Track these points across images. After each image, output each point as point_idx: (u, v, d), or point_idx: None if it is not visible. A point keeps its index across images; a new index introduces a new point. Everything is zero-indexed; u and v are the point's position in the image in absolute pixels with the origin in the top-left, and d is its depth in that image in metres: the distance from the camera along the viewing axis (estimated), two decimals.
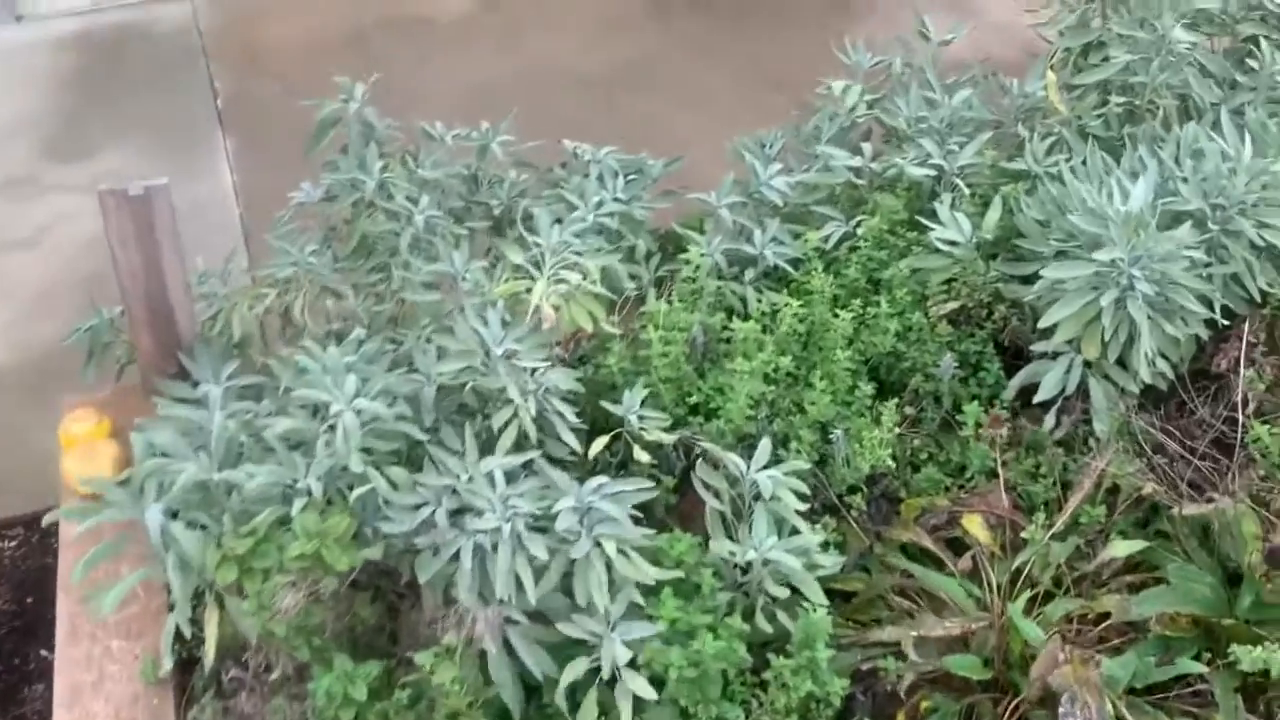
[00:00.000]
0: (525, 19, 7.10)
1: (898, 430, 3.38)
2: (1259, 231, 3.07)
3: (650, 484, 2.78)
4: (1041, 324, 3.09)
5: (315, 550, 2.47)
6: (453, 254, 3.27)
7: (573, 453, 2.98)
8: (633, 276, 3.70)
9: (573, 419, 2.96)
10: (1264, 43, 3.85)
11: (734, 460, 2.91)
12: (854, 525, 3.19)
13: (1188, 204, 3.07)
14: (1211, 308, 3.14)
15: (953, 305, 3.47)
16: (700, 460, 2.99)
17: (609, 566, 2.60)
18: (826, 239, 3.73)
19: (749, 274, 3.69)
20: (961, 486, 3.32)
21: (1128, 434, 3.21)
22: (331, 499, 2.74)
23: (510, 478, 2.71)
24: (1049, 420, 3.29)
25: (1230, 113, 3.76)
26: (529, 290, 3.04)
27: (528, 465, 2.79)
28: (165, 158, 5.91)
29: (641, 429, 3.03)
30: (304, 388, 2.73)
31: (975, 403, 3.35)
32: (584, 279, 3.08)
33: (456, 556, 2.57)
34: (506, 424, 2.88)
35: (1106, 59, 3.82)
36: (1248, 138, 3.12)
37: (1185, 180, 3.14)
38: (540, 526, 2.63)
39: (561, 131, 6.07)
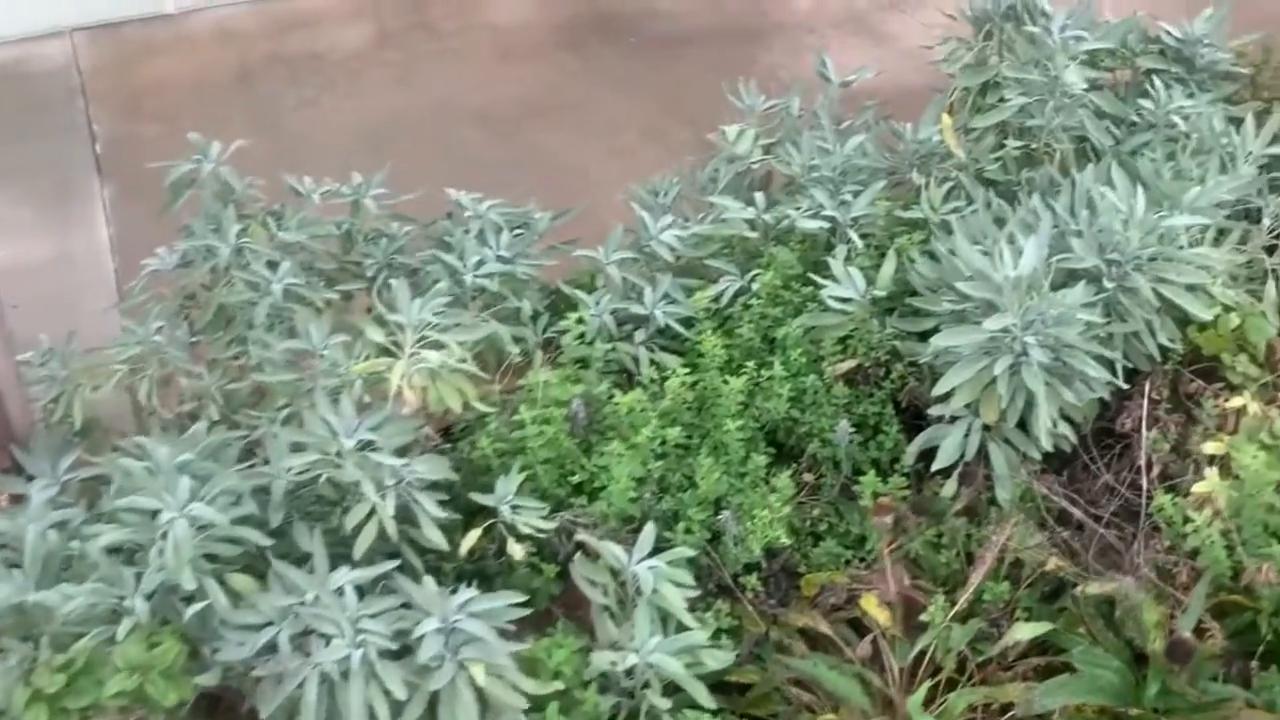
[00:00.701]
0: (423, 53, 6.85)
1: (797, 499, 3.21)
2: (1155, 287, 2.93)
3: (523, 597, 2.55)
4: (936, 390, 2.93)
5: (138, 686, 2.20)
6: (310, 328, 3.03)
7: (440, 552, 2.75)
8: (518, 340, 3.49)
9: (437, 513, 2.73)
10: (1157, 80, 3.73)
11: (614, 552, 2.70)
12: (750, 608, 2.99)
13: (1082, 261, 2.91)
14: (1114, 368, 3.00)
15: (849, 365, 3.29)
16: (578, 553, 2.78)
17: (480, 693, 2.37)
18: (720, 296, 3.54)
19: (640, 335, 3.49)
20: (863, 559, 3.14)
21: (1032, 501, 3.06)
22: (167, 618, 2.47)
23: (366, 592, 2.47)
24: (950, 486, 3.12)
25: (1129, 154, 3.65)
26: (391, 369, 2.81)
27: (389, 575, 2.55)
28: (36, 207, 5.58)
29: (517, 519, 2.80)
30: (131, 493, 2.46)
31: (874, 470, 3.18)
32: (451, 357, 2.86)
33: (303, 686, 2.32)
34: (363, 523, 2.65)
35: (1003, 100, 3.68)
36: (1139, 188, 2.96)
37: (1080, 234, 2.99)
38: (398, 651, 2.39)
39: (460, 173, 5.82)
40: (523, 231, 3.76)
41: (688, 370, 3.17)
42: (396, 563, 2.57)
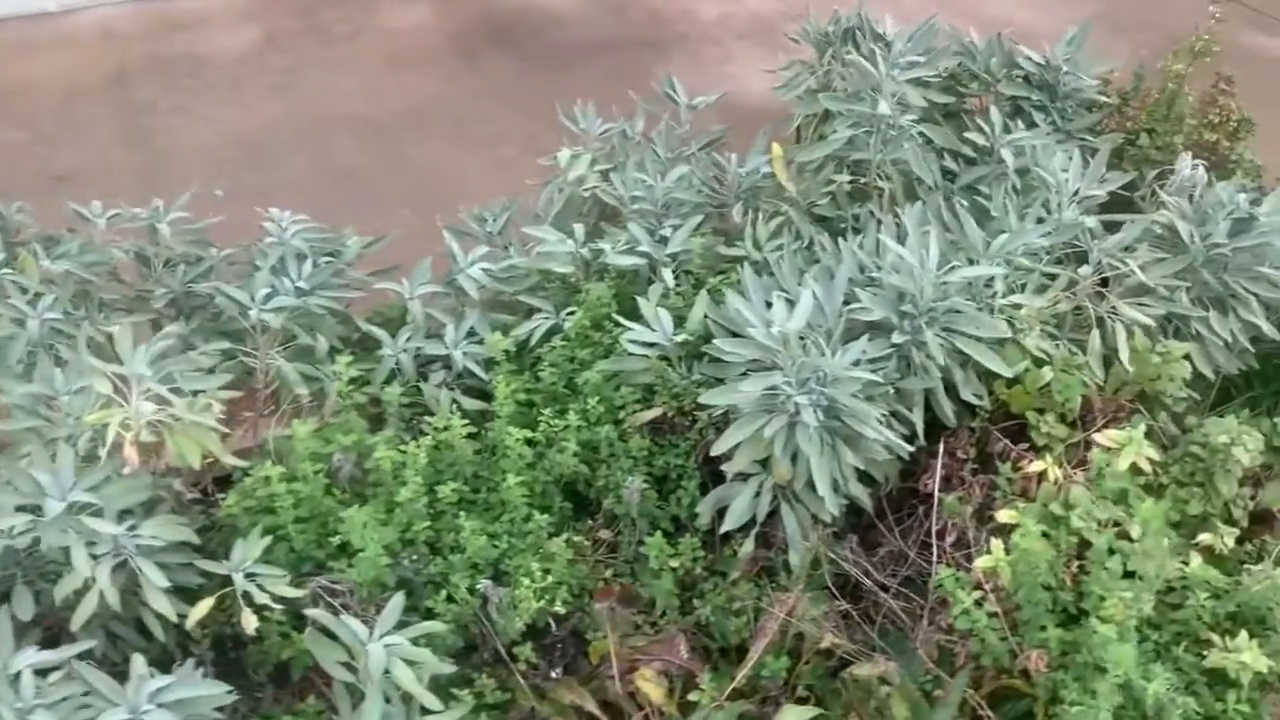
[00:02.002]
0: (310, 59, 6.60)
1: (594, 557, 3.02)
2: (951, 341, 2.74)
3: (225, 687, 2.33)
4: (715, 449, 2.73)
5: None
6: (56, 370, 2.80)
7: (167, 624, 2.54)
8: (311, 379, 3.27)
9: (162, 581, 2.51)
10: (995, 112, 3.55)
11: (350, 627, 2.48)
12: (521, 681, 2.79)
13: (871, 313, 2.72)
14: (911, 428, 2.81)
15: (652, 414, 3.09)
16: (310, 628, 2.56)
17: None
18: (529, 335, 3.33)
19: (438, 376, 3.28)
20: (654, 623, 2.94)
21: (827, 565, 2.87)
22: None
23: (47, 674, 2.25)
24: (747, 547, 2.93)
25: (963, 190, 3.47)
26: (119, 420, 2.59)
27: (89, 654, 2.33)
28: None
29: (253, 586, 2.59)
30: None
31: (676, 527, 2.99)
32: (192, 407, 2.64)
33: None
34: (82, 591, 2.43)
35: (836, 131, 3.49)
36: (932, 237, 2.75)
37: (876, 285, 2.79)
38: None
39: (330, 185, 5.64)
40: (332, 259, 3.54)
41: (466, 420, 2.95)
42: (91, 643, 2.35)
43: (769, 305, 2.74)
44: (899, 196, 3.39)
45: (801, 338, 2.73)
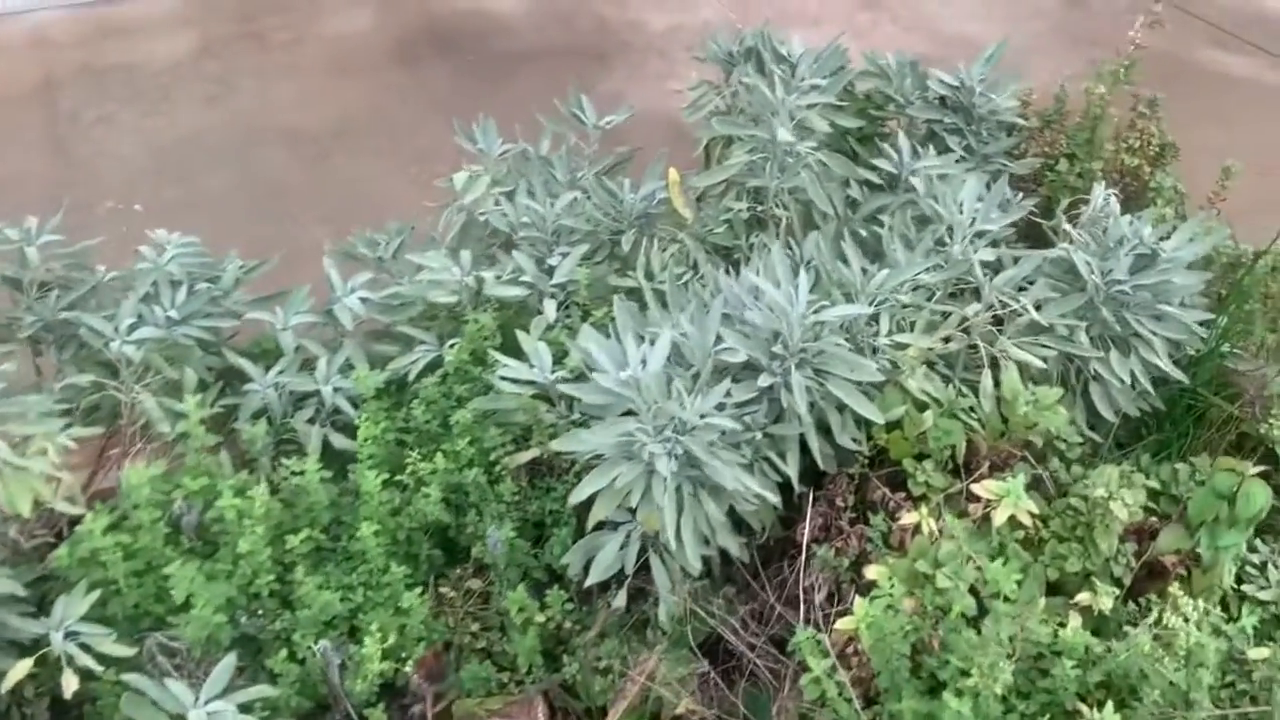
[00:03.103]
0: (246, 66, 6.46)
1: (465, 608, 2.88)
2: (820, 383, 2.60)
3: None
4: (572, 498, 2.59)
5: None
6: None
7: None
8: (181, 415, 3.12)
9: None
10: (902, 138, 3.41)
11: (173, 692, 2.34)
12: None
13: (737, 354, 2.57)
14: (784, 480, 2.67)
15: (527, 456, 2.95)
16: (128, 692, 2.41)
17: None
18: (408, 368, 3.19)
19: (308, 413, 3.14)
20: (520, 682, 2.80)
21: (695, 620, 2.73)
22: None
23: None
24: (620, 599, 2.79)
25: (866, 219, 3.33)
26: None
27: None
28: None
29: (74, 646, 2.44)
30: None
31: (547, 575, 2.85)
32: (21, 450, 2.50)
33: None
34: None
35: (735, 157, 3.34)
36: (803, 279, 2.60)
37: (746, 326, 2.64)
38: None
39: (254, 199, 5.50)
40: (211, 285, 3.40)
41: (329, 461, 2.81)
42: None
43: (645, 340, 2.60)
44: (796, 226, 3.25)
45: (672, 378, 2.60)
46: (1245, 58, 6.61)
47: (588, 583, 2.70)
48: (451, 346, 3.18)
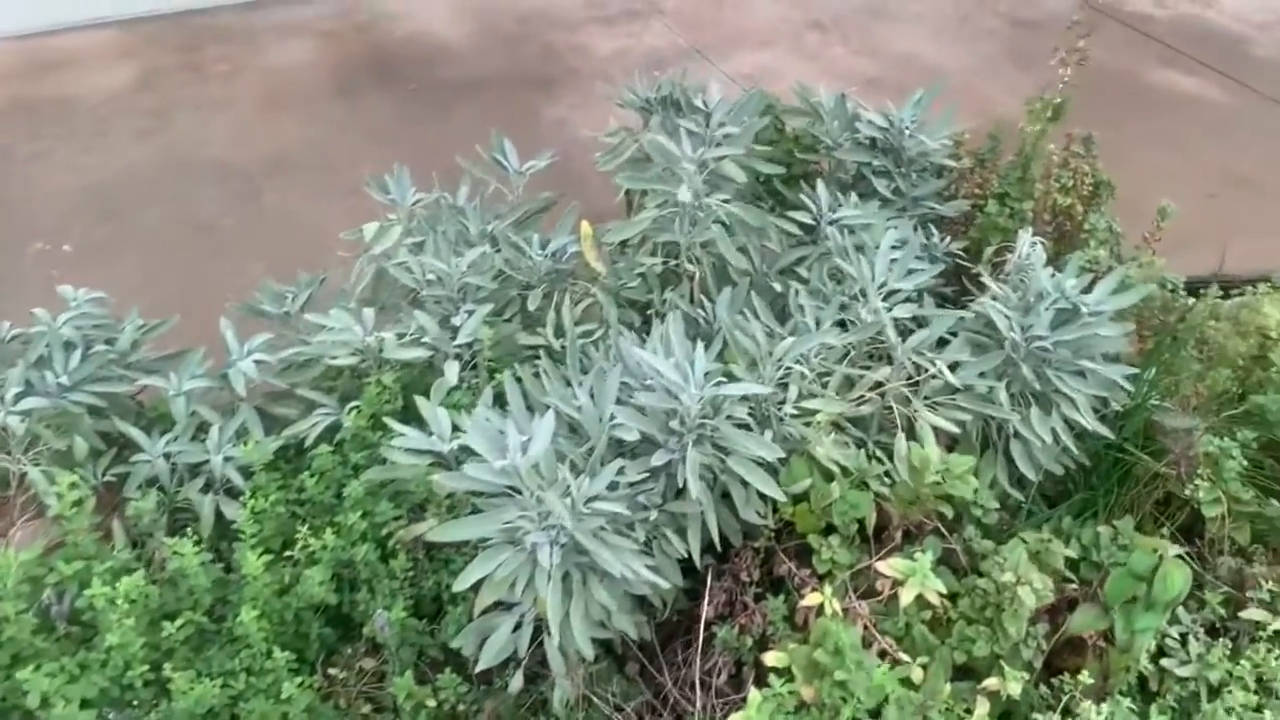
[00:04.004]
0: (183, 99, 6.33)
1: (360, 688, 2.75)
2: (718, 458, 2.48)
3: None
4: (456, 586, 2.46)
5: None
6: None
7: None
8: (75, 484, 2.99)
9: None
10: (821, 186, 3.30)
11: None
12: None
13: (630, 431, 2.45)
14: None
15: (421, 529, 2.82)
16: None
17: None
18: (305, 433, 3.06)
19: (201, 481, 3.01)
20: None
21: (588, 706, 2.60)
22: None
23: None
24: (515, 682, 2.66)
25: (783, 272, 3.22)
26: None
27: None
28: None
29: None
30: None
31: (444, 654, 2.72)
32: None
33: None
34: None
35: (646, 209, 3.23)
36: (700, 353, 2.47)
37: (637, 400, 2.52)
38: None
39: (185, 237, 5.37)
40: (108, 347, 3.27)
41: (196, 545, 2.68)
42: None
43: (532, 413, 2.48)
44: (710, 282, 3.14)
45: (565, 455, 2.48)
46: (1196, 78, 6.54)
47: (479, 668, 2.58)
48: (351, 411, 3.06)
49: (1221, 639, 2.54)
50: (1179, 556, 2.46)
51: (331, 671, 2.75)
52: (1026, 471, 2.91)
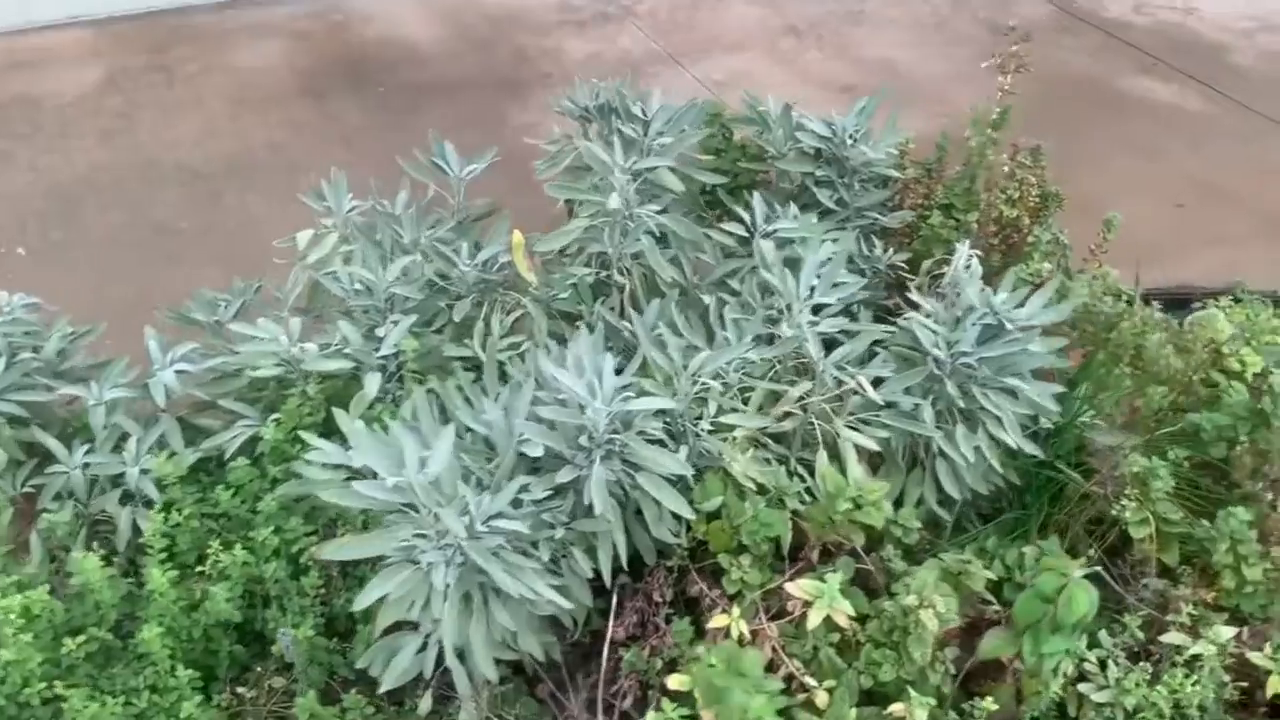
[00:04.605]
0: (149, 100, 6.29)
1: (268, 708, 2.71)
2: (628, 474, 2.43)
3: None
4: (355, 605, 2.41)
5: None
6: None
7: None
8: None
9: None
10: (757, 198, 3.25)
11: None
12: None
13: (536, 447, 2.40)
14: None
15: (335, 545, 2.77)
16: None
17: None
18: (224, 446, 3.02)
19: (117, 494, 2.97)
20: None
21: None
22: None
23: None
24: (424, 704, 2.62)
25: (716, 285, 3.17)
26: None
27: None
28: None
29: None
30: None
31: (355, 674, 2.68)
32: None
33: None
34: None
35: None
36: (609, 366, 2.41)
37: (541, 411, 2.47)
38: None
39: (143, 241, 5.33)
40: (34, 355, 3.23)
41: (103, 561, 2.64)
42: None
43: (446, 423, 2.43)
44: (640, 294, 3.09)
45: (471, 472, 2.44)
46: (1173, 85, 6.47)
47: (382, 689, 2.53)
48: (271, 423, 3.01)
49: (1142, 663, 2.49)
50: (1087, 578, 2.41)
51: (240, 690, 2.70)
52: (951, 490, 2.85)
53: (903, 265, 3.51)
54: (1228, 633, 2.43)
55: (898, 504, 2.87)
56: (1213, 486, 2.94)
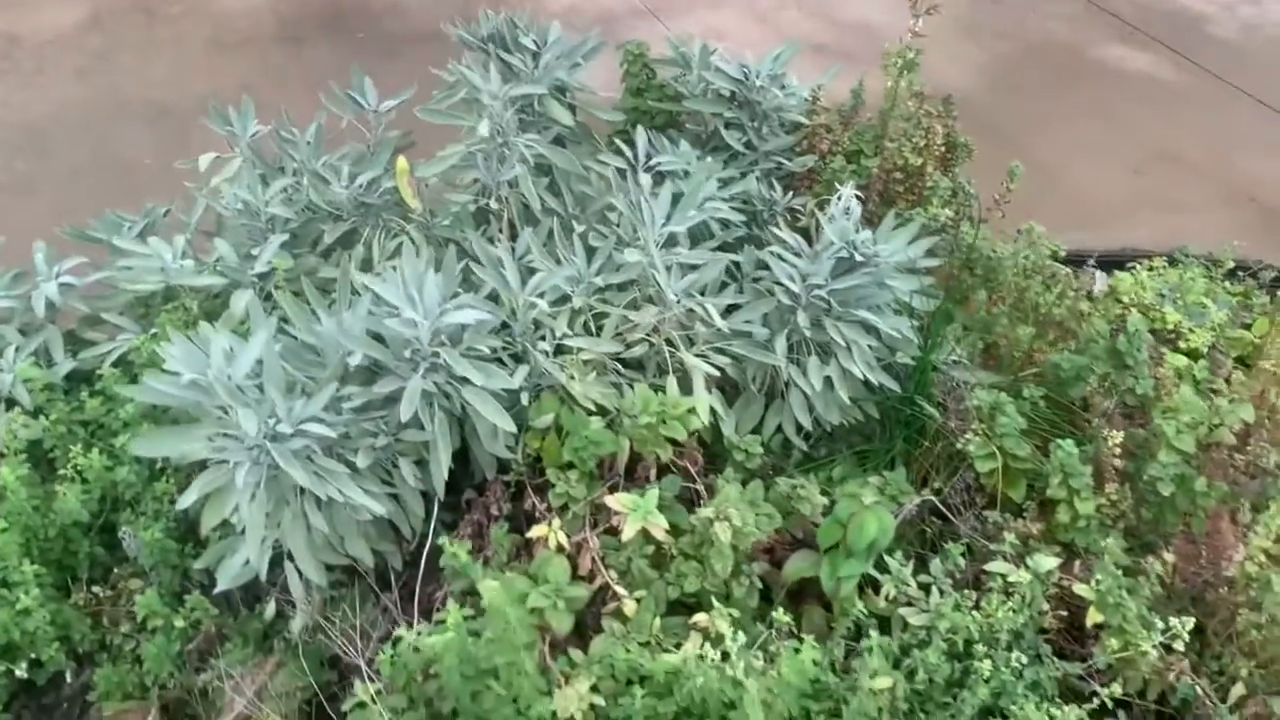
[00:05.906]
0: (129, 41, 6.39)
1: (124, 610, 2.79)
2: (456, 388, 2.47)
3: None
4: (179, 504, 2.48)
5: None
6: None
7: None
8: None
9: None
10: (640, 132, 3.26)
11: None
12: None
13: (356, 356, 2.45)
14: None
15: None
16: None
17: None
18: (102, 357, 3.09)
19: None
20: (164, 686, 2.70)
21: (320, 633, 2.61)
22: None
23: None
24: (270, 609, 2.68)
25: (589, 217, 3.19)
26: None
27: None
28: None
29: None
30: None
31: (208, 577, 2.74)
32: None
33: None
34: None
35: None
36: (431, 282, 2.44)
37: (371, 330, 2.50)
38: None
39: (107, 179, 5.44)
40: None
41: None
42: None
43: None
44: (518, 221, 3.12)
45: (297, 382, 2.49)
46: (1149, 54, 6.37)
47: (216, 590, 2.60)
48: (147, 336, 3.09)
49: (966, 591, 2.50)
50: (878, 504, 2.42)
51: (96, 590, 2.78)
52: (804, 420, 2.87)
53: (800, 208, 3.51)
54: (1048, 563, 2.43)
55: (756, 433, 2.89)
56: (1073, 429, 2.93)
